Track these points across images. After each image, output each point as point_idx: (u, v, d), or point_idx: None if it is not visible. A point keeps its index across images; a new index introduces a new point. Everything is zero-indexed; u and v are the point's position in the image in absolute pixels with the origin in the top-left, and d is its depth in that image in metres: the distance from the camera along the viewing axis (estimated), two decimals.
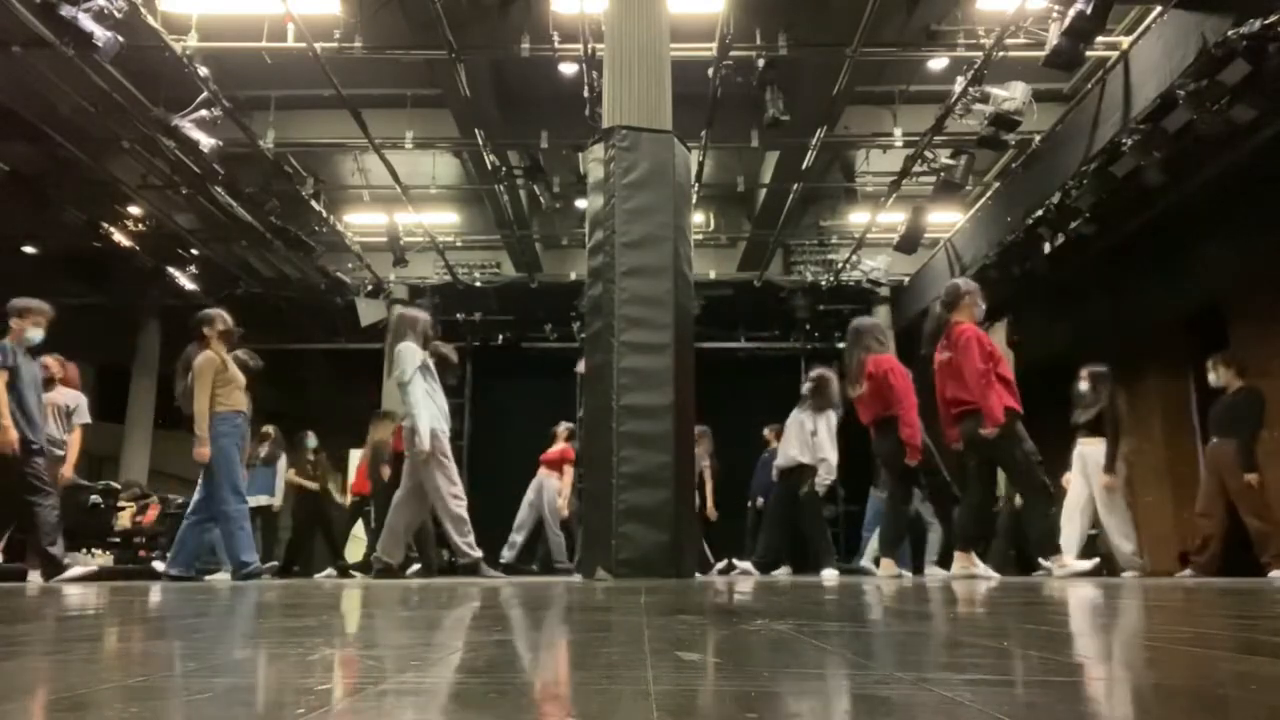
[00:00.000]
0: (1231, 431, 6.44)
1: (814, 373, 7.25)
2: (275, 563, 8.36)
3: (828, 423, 6.92)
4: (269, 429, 8.86)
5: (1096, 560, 6.20)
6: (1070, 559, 5.56)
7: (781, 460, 7.15)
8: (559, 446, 9.13)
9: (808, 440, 6.93)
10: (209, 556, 6.79)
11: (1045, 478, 5.31)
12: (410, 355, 5.68)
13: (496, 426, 12.74)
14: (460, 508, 5.68)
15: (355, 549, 9.68)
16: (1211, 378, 6.75)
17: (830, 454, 6.86)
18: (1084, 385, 7.11)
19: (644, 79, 5.26)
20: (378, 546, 5.96)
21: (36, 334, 5.61)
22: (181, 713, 0.83)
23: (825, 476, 6.86)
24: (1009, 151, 9.31)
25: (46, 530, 5.42)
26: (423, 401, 5.59)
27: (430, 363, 5.79)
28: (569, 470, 8.92)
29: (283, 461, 8.92)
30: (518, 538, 9.05)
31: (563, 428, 9.21)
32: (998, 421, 5.05)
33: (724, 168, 11.31)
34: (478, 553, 5.68)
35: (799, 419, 7.09)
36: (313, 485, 9.07)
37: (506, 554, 8.99)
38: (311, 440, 9.34)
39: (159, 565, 6.88)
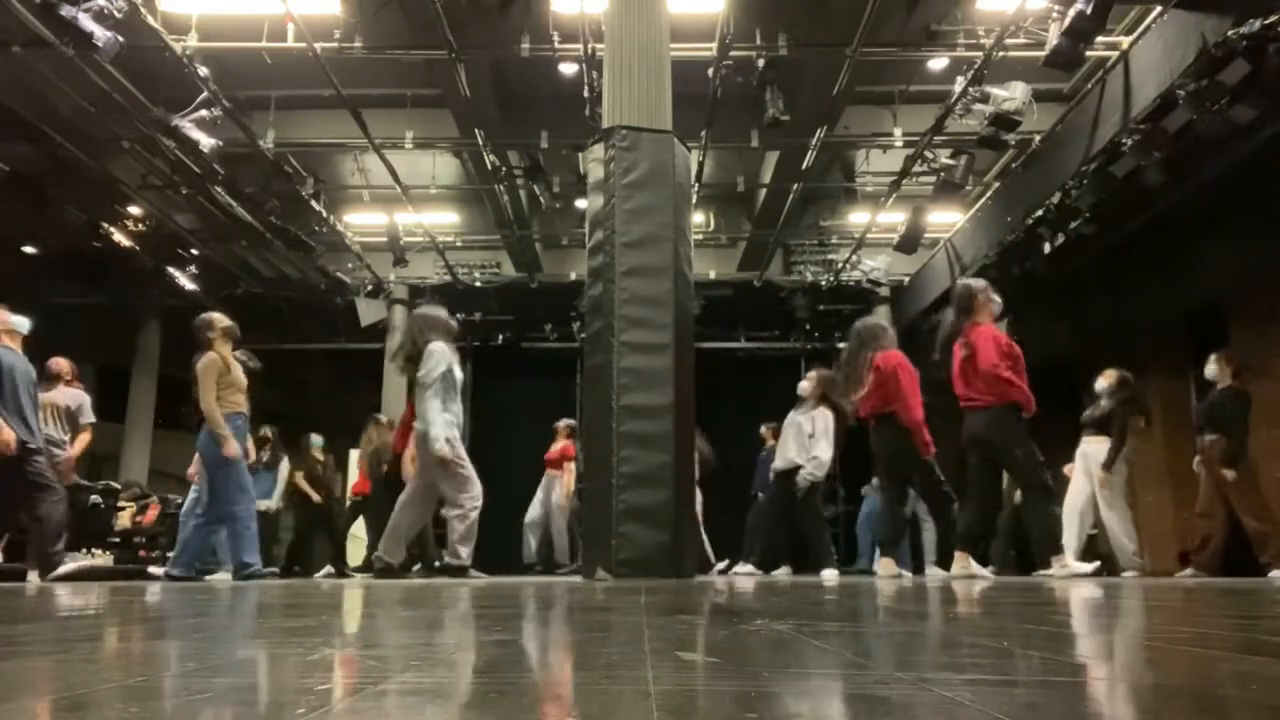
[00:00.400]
0: (1217, 429, 6.47)
1: (816, 374, 7.23)
2: (275, 569, 8.35)
3: (825, 421, 6.92)
4: (267, 431, 8.82)
5: (1098, 564, 6.21)
6: (1071, 559, 5.56)
7: (779, 463, 7.13)
8: (560, 444, 9.15)
9: (805, 443, 6.93)
10: (209, 557, 6.79)
11: (1047, 476, 5.33)
12: (440, 357, 5.68)
13: (496, 426, 12.74)
14: (474, 514, 5.69)
15: (355, 549, 9.68)
16: (1208, 370, 6.78)
17: (822, 451, 6.84)
18: (1102, 384, 7.09)
19: (644, 79, 5.26)
20: (379, 546, 5.96)
21: (21, 321, 5.58)
22: (181, 713, 0.83)
23: (812, 471, 6.83)
24: (1009, 151, 9.31)
25: (54, 526, 5.42)
26: (438, 407, 5.59)
27: (455, 366, 5.78)
28: (570, 467, 8.94)
29: (284, 465, 8.91)
30: (533, 540, 9.10)
31: (563, 424, 9.22)
32: (1031, 409, 5.20)
33: (724, 168, 11.31)
34: (468, 561, 5.72)
35: (796, 421, 7.08)
36: (317, 497, 9.01)
37: (528, 555, 9.07)
38: (317, 440, 9.31)
39: (155, 570, 6.88)
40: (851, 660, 1.20)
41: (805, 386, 7.17)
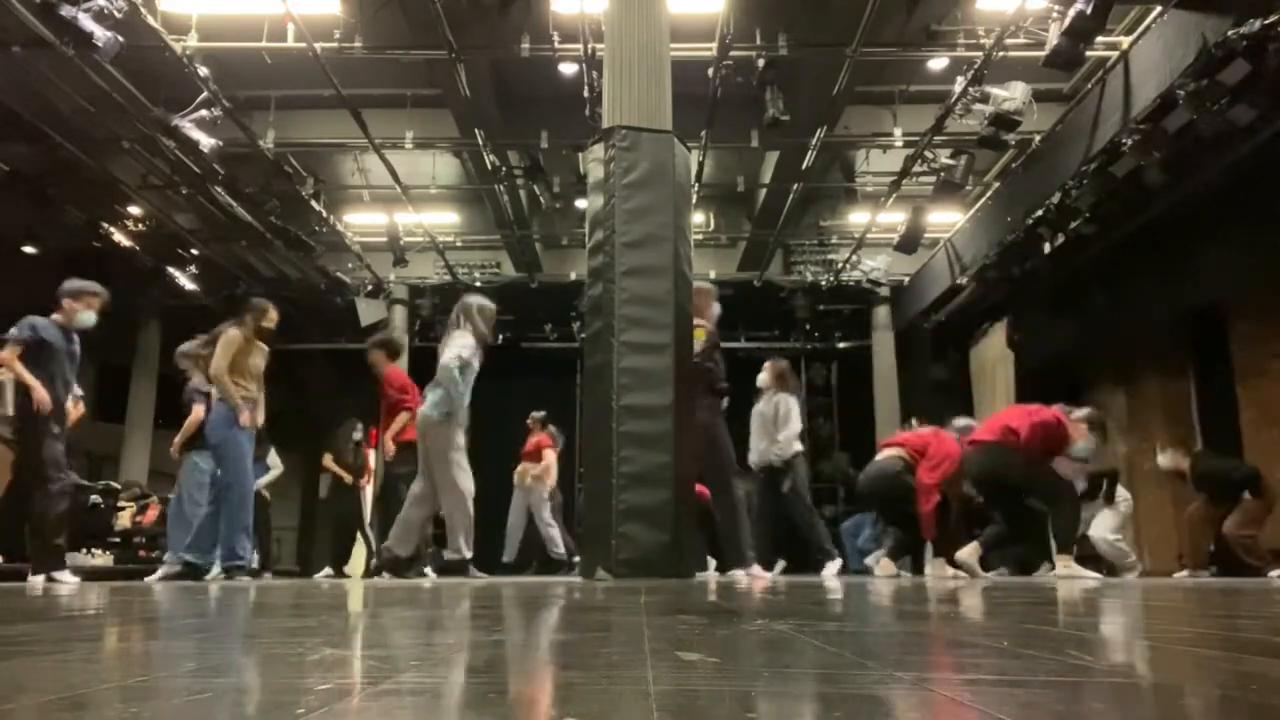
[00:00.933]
0: (1232, 496, 6.59)
1: (771, 364, 7.20)
2: (268, 573, 8.34)
3: (786, 404, 6.88)
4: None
5: (1101, 575, 6.24)
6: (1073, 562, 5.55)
7: (754, 457, 7.01)
8: (535, 437, 9.23)
9: (771, 430, 6.88)
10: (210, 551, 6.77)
11: (1064, 485, 5.38)
12: (458, 345, 5.75)
13: (496, 426, 12.74)
14: (468, 506, 5.78)
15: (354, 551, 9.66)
16: (1160, 460, 6.92)
17: (785, 434, 6.79)
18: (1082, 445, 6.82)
19: (644, 79, 5.25)
20: (389, 537, 5.98)
21: (89, 317, 5.69)
22: (181, 713, 0.83)
23: (780, 451, 6.76)
24: (1009, 151, 9.31)
25: (52, 519, 5.42)
26: (458, 387, 5.70)
27: (475, 363, 5.85)
28: (549, 454, 9.00)
29: (273, 456, 8.88)
30: (511, 545, 9.17)
31: (532, 418, 9.29)
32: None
33: (724, 168, 11.31)
34: (470, 553, 5.79)
35: (760, 412, 7.00)
36: (348, 477, 9.02)
37: (506, 554, 9.08)
38: (358, 433, 9.32)
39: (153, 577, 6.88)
40: (851, 660, 1.20)
41: (763, 379, 7.11)
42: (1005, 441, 5.41)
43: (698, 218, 12.07)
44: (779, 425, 6.80)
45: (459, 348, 5.75)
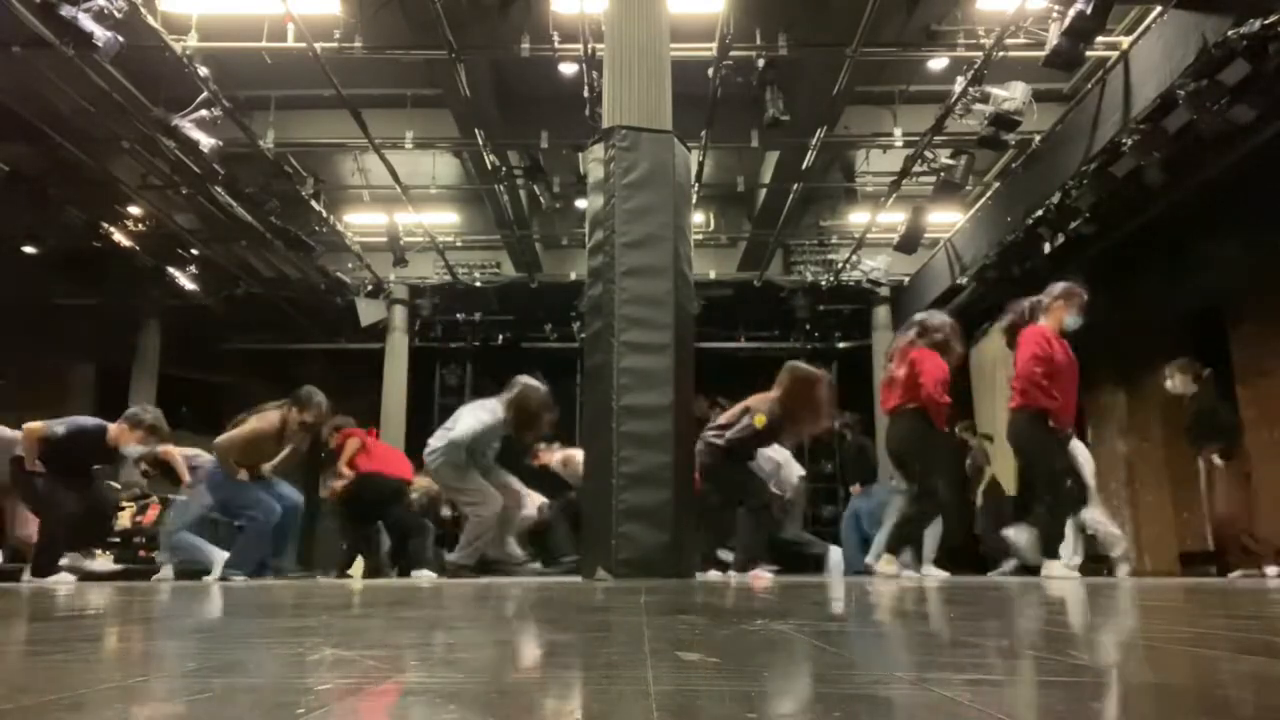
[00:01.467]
0: (1222, 437, 6.51)
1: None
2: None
3: (776, 460, 6.94)
4: None
5: (1077, 571, 6.15)
6: (1058, 564, 5.45)
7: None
8: None
9: (772, 473, 6.88)
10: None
11: (1059, 489, 5.34)
12: (482, 418, 6.17)
13: None
14: (484, 523, 6.19)
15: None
16: (1173, 385, 6.79)
17: (785, 477, 6.87)
18: None
19: (644, 79, 5.26)
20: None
21: (134, 451, 5.96)
22: (181, 713, 0.83)
23: (785, 487, 6.85)
24: (1009, 151, 9.31)
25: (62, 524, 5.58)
26: (461, 457, 6.13)
27: (487, 447, 6.30)
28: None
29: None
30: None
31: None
32: (1060, 422, 5.24)
33: (724, 168, 11.31)
34: (468, 561, 6.09)
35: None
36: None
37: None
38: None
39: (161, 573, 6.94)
40: (851, 660, 1.20)
41: None
42: (1026, 405, 5.34)
43: (698, 218, 12.06)
44: (779, 479, 6.89)
45: (480, 423, 6.12)
